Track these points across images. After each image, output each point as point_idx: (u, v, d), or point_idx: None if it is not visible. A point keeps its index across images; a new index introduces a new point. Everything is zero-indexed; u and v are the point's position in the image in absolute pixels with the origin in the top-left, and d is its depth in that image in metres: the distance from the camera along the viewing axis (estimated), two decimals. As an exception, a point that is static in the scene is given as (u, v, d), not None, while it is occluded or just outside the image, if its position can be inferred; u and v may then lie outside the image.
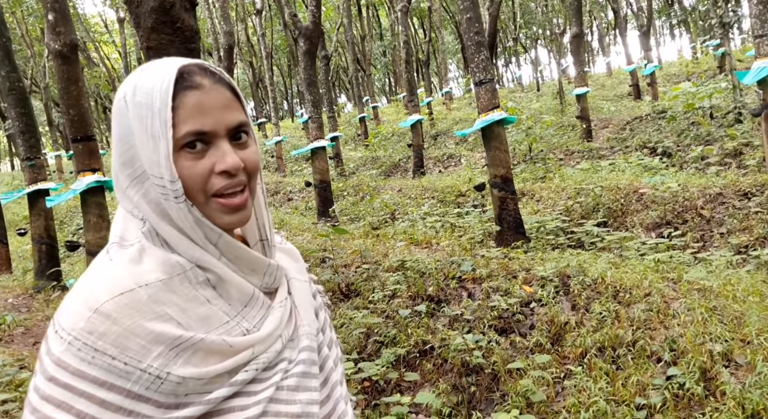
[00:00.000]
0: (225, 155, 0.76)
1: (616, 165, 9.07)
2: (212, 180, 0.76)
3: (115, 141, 0.78)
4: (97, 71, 24.42)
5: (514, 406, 3.17)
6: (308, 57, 9.15)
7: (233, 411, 0.75)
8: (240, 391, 0.76)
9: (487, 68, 5.92)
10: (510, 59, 36.77)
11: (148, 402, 0.70)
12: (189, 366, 0.72)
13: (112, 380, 0.69)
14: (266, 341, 0.79)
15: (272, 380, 0.79)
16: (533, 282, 4.24)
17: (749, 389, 2.57)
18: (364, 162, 16.12)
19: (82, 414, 0.68)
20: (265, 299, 0.83)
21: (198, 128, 0.75)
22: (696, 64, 21.79)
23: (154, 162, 0.75)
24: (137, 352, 0.70)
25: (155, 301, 0.73)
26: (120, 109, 0.77)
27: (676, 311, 3.37)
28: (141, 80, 0.77)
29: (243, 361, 0.76)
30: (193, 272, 0.77)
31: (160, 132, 0.74)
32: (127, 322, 0.70)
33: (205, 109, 0.76)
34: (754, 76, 6.93)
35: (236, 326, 0.78)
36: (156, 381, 0.70)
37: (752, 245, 5.19)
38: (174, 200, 0.75)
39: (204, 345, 0.74)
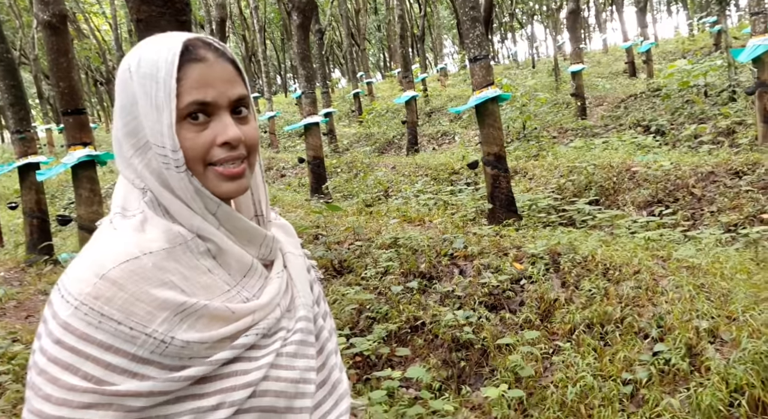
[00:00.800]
0: (227, 127, 0.78)
1: (610, 143, 9.07)
2: (213, 151, 0.78)
3: (119, 111, 0.80)
4: (88, 43, 24.00)
5: (502, 381, 3.22)
6: (301, 31, 9.02)
7: (236, 375, 0.77)
8: (241, 356, 0.79)
9: (482, 44, 5.86)
10: (506, 35, 36.41)
11: (152, 365, 0.73)
12: (193, 331, 0.75)
13: (118, 344, 0.71)
14: (266, 308, 0.82)
15: (272, 347, 0.82)
16: (524, 260, 4.28)
17: (733, 364, 2.62)
18: (358, 139, 16.04)
19: (89, 376, 0.70)
20: (263, 269, 0.86)
21: (201, 99, 0.77)
22: (692, 41, 21.66)
23: (157, 132, 0.76)
24: (143, 317, 0.72)
25: (160, 269, 0.75)
26: (125, 80, 0.79)
27: (665, 289, 3.41)
28: (146, 52, 0.78)
29: (244, 327, 0.79)
30: (194, 242, 0.79)
31: (164, 102, 0.75)
32: (132, 288, 0.72)
33: (208, 81, 0.78)
34: (749, 54, 6.92)
35: (237, 294, 0.81)
36: (161, 345, 0.73)
37: (741, 224, 5.24)
38: (175, 170, 0.77)
39: (207, 311, 0.76)
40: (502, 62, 35.33)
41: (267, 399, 0.80)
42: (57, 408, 0.69)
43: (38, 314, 4.88)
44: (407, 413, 2.93)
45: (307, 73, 9.31)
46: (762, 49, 6.98)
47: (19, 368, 3.44)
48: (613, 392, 2.86)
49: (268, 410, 0.80)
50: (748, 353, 2.63)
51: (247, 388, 0.78)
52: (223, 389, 0.77)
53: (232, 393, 0.77)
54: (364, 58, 26.67)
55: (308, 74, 9.32)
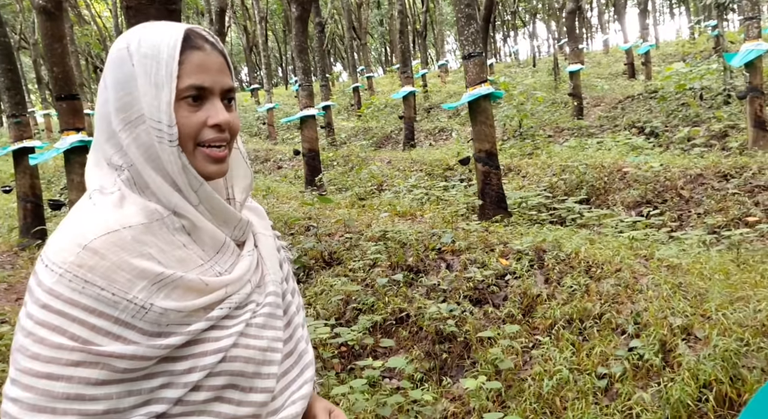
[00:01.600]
0: (218, 111, 0.86)
1: (604, 144, 9.12)
2: (203, 131, 0.85)
3: (112, 86, 0.84)
4: (88, 29, 23.92)
5: (482, 373, 3.28)
6: (300, 23, 9.04)
7: (209, 341, 0.84)
8: (215, 325, 0.85)
9: (476, 42, 5.90)
10: (508, 33, 36.37)
11: (133, 329, 0.78)
12: (169, 300, 0.80)
13: (102, 308, 0.76)
14: (237, 283, 0.89)
15: (242, 317, 0.88)
16: (510, 256, 4.33)
17: (703, 361, 2.68)
18: (356, 132, 16.06)
19: (76, 337, 0.75)
20: (235, 247, 0.93)
21: (200, 83, 0.84)
22: (693, 44, 21.68)
23: (155, 107, 0.82)
24: (123, 285, 0.77)
25: (138, 241, 0.80)
26: (121, 57, 0.84)
27: (644, 287, 3.47)
28: (146, 35, 0.84)
29: (218, 299, 0.85)
30: (170, 219, 0.85)
31: (165, 81, 0.82)
32: (113, 258, 0.78)
33: (205, 68, 0.85)
34: (741, 58, 6.96)
35: (209, 269, 0.87)
36: (141, 311, 0.78)
37: (726, 226, 5.30)
38: (168, 144, 0.82)
39: (182, 282, 0.82)
40: (504, 60, 35.31)
41: (236, 365, 0.86)
42: (45, 365, 0.74)
43: (29, 297, 4.92)
44: (387, 402, 2.98)
45: (305, 65, 9.33)
46: (754, 53, 7.04)
47: (5, 348, 3.49)
48: (588, 385, 2.92)
49: (237, 374, 0.86)
50: (719, 350, 2.69)
51: (217, 353, 0.84)
52: (195, 354, 0.83)
53: (203, 358, 0.83)
54: (365, 53, 26.64)
55: (305, 67, 9.34)
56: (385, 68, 38.55)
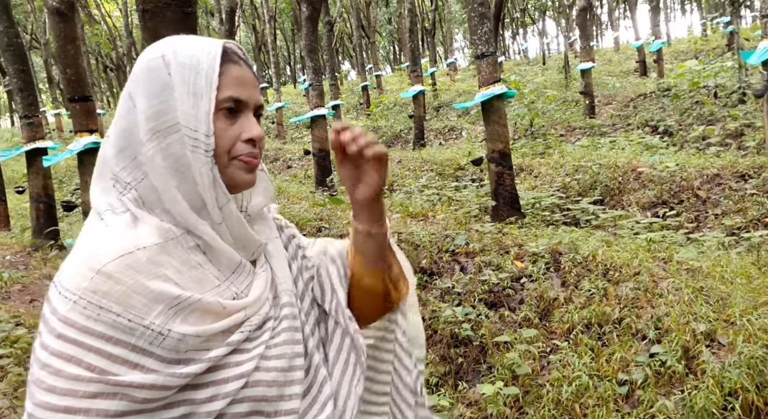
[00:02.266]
0: (253, 125, 0.86)
1: (617, 143, 9.02)
2: (237, 146, 0.84)
3: (141, 96, 0.83)
4: (98, 29, 24.05)
5: (499, 378, 3.24)
6: (310, 22, 9.01)
7: (230, 366, 0.80)
8: (235, 349, 0.82)
9: (489, 41, 5.84)
10: (517, 31, 36.19)
11: (151, 357, 0.75)
12: (186, 325, 0.77)
13: (118, 335, 0.73)
14: (256, 304, 0.85)
15: (262, 338, 0.85)
16: (525, 258, 4.28)
17: (728, 368, 2.63)
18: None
19: (92, 367, 0.72)
20: (250, 266, 0.89)
21: (238, 96, 0.84)
22: (705, 41, 21.46)
23: (192, 116, 0.81)
24: (140, 310, 0.74)
25: (153, 262, 0.77)
26: (155, 66, 0.83)
27: (664, 291, 3.41)
28: (183, 46, 0.84)
29: (236, 322, 0.82)
30: (184, 238, 0.82)
31: (204, 91, 0.81)
32: (129, 282, 0.75)
33: (243, 81, 0.85)
34: (759, 56, 6.84)
35: (226, 290, 0.84)
36: (158, 337, 0.75)
37: (745, 227, 5.21)
38: (203, 154, 0.81)
39: (200, 305, 0.79)
40: (513, 58, 35.15)
41: (259, 389, 0.82)
42: (62, 398, 0.71)
43: (42, 298, 4.93)
44: (403, 407, 2.95)
45: (315, 65, 9.31)
46: (773, 51, 6.91)
47: (21, 351, 3.49)
48: (609, 392, 2.87)
49: (260, 399, 0.82)
50: (744, 357, 2.63)
51: (239, 379, 0.80)
52: (217, 381, 0.79)
53: (225, 385, 0.79)
54: (374, 51, 26.60)
55: (316, 66, 9.32)
56: (393, 67, 38.50)
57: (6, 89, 16.33)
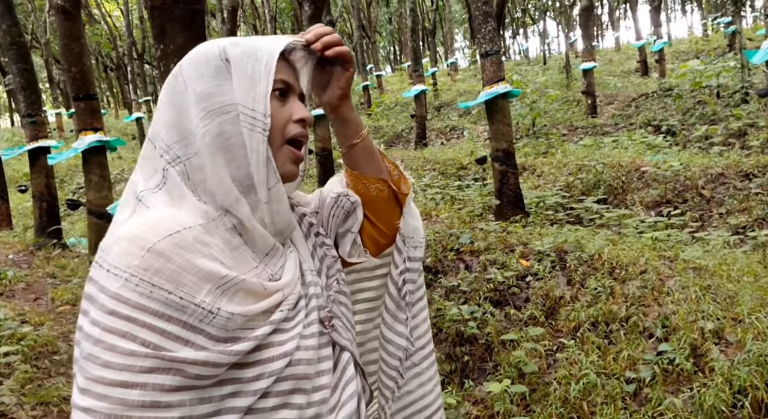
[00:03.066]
0: (301, 107, 0.91)
1: (620, 142, 9.03)
2: (289, 126, 0.88)
3: (193, 79, 0.85)
4: (99, 29, 24.04)
5: (506, 376, 3.23)
6: (313, 22, 8.99)
7: (273, 346, 0.83)
8: (277, 328, 0.84)
9: (493, 40, 5.84)
10: (518, 31, 36.18)
11: (202, 334, 0.77)
12: (233, 304, 0.79)
13: (170, 312, 0.75)
14: (291, 284, 0.89)
15: (298, 318, 0.88)
16: (530, 256, 4.28)
17: (737, 366, 2.62)
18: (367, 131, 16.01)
19: (147, 342, 0.73)
20: (282, 248, 0.92)
21: (287, 79, 0.89)
22: (706, 41, 21.47)
23: (250, 98, 0.84)
24: (191, 288, 0.76)
25: (200, 242, 0.79)
26: (208, 54, 0.86)
27: (671, 289, 3.40)
28: (242, 41, 0.88)
29: (276, 302, 0.85)
30: (221, 220, 0.84)
31: (263, 75, 0.85)
32: (179, 260, 0.76)
33: (293, 73, 0.91)
34: (763, 55, 6.85)
35: (263, 271, 0.86)
36: (209, 316, 0.77)
37: (750, 226, 5.21)
38: (261, 132, 0.84)
39: (244, 286, 0.81)
40: (514, 58, 35.14)
41: (301, 367, 0.85)
42: (119, 372, 0.72)
43: (46, 297, 4.93)
44: (410, 405, 2.94)
45: (318, 64, 9.29)
46: (777, 51, 6.91)
47: (27, 349, 3.48)
48: (616, 390, 2.87)
49: (302, 377, 0.85)
50: (753, 355, 2.63)
51: (284, 358, 0.83)
52: (263, 360, 0.81)
53: (271, 364, 0.82)
54: (375, 51, 26.60)
55: (319, 65, 9.31)
56: (393, 67, 38.50)
57: (6, 89, 16.33)
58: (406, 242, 1.11)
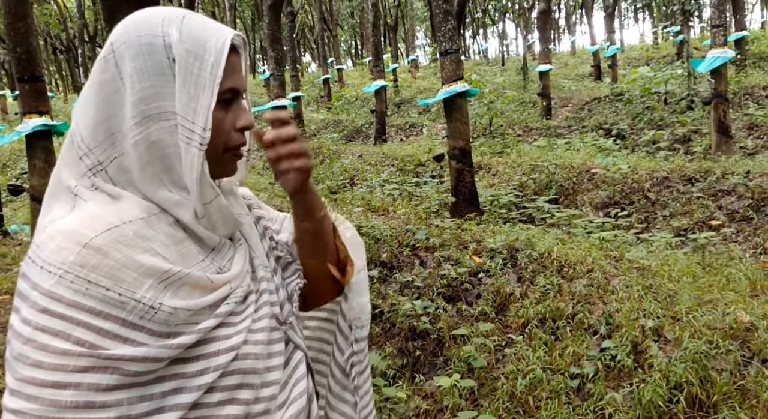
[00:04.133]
0: (245, 112, 0.85)
1: (572, 144, 9.28)
2: (232, 135, 0.84)
3: (132, 75, 0.78)
4: (48, 9, 23.02)
5: (456, 371, 3.28)
6: (273, 12, 8.88)
7: (219, 340, 0.81)
8: (223, 322, 0.82)
9: (453, 38, 5.90)
10: (478, 31, 36.63)
11: (142, 331, 0.74)
12: (177, 299, 0.77)
13: (108, 309, 0.72)
14: (239, 277, 0.86)
15: (247, 312, 0.86)
16: (483, 253, 4.35)
17: (674, 363, 2.74)
18: (326, 125, 15.93)
19: (81, 341, 0.71)
20: (229, 242, 0.90)
21: (236, 86, 0.83)
22: (656, 49, 22.26)
23: (191, 108, 0.78)
24: (130, 284, 0.73)
25: (141, 236, 0.76)
26: (153, 46, 0.78)
27: (615, 288, 3.53)
28: (188, 29, 0.80)
29: (223, 295, 0.83)
30: (164, 215, 0.81)
31: (207, 83, 0.79)
32: (117, 255, 0.73)
33: (236, 69, 0.84)
34: (708, 65, 7.16)
35: (210, 264, 0.84)
36: (150, 311, 0.74)
37: (691, 229, 5.45)
38: (198, 147, 0.79)
39: (189, 279, 0.79)
40: (473, 58, 35.55)
41: (248, 362, 0.83)
42: (50, 372, 0.69)
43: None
44: (361, 399, 2.96)
45: (277, 55, 9.19)
46: (720, 61, 7.25)
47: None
48: (561, 385, 2.95)
49: (249, 372, 0.84)
50: (689, 352, 2.75)
51: (230, 352, 0.81)
52: (207, 354, 0.79)
53: (215, 358, 0.80)
54: (336, 44, 26.43)
55: (278, 57, 9.20)
56: (354, 61, 38.36)
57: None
58: (353, 325, 1.07)
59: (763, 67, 13.70)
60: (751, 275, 3.75)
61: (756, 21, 31.11)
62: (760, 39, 16.88)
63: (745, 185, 5.74)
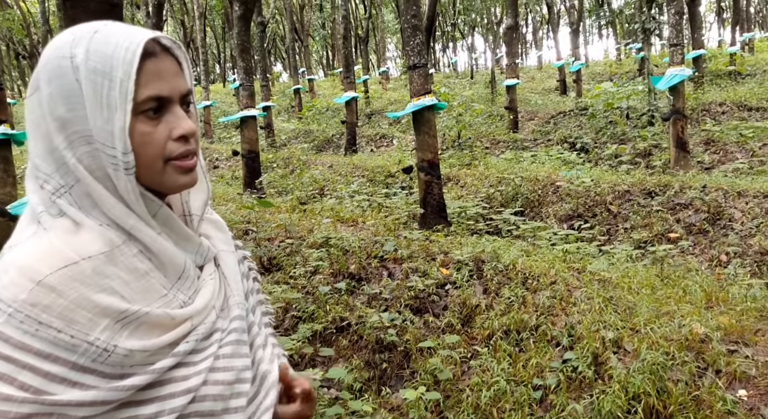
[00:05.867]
0: (181, 119, 0.79)
1: (538, 157, 9.46)
2: (169, 146, 0.78)
3: (49, 99, 0.75)
4: (11, 14, 22.44)
5: (422, 383, 3.30)
6: (243, 22, 8.86)
7: (175, 381, 0.77)
8: (181, 362, 0.78)
9: (421, 53, 5.97)
10: (447, 44, 37.12)
11: (93, 374, 0.71)
12: (134, 339, 0.73)
13: (58, 352, 0.69)
14: (203, 313, 0.82)
15: (209, 350, 0.82)
16: (450, 265, 4.40)
17: (633, 374, 2.82)
18: (297, 134, 15.89)
19: (26, 386, 0.67)
20: (196, 271, 0.86)
21: (158, 93, 0.76)
22: (619, 65, 22.90)
23: (107, 132, 0.74)
24: (84, 325, 0.70)
25: (99, 274, 0.73)
26: (62, 68, 0.74)
27: (577, 300, 3.61)
28: (96, 44, 0.74)
29: (183, 333, 0.79)
30: (127, 246, 0.77)
31: (118, 103, 0.73)
32: (72, 295, 0.70)
33: (161, 74, 0.77)
34: (666, 82, 7.41)
35: (173, 298, 0.80)
36: (103, 354, 0.71)
37: (651, 241, 5.61)
38: (124, 172, 0.75)
39: (148, 318, 0.75)
40: (443, 71, 35.97)
41: (206, 404, 0.79)
42: None
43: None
44: (326, 413, 2.95)
45: (246, 65, 9.15)
46: (678, 78, 7.51)
47: None
48: (524, 397, 3.00)
49: (207, 414, 0.80)
50: (647, 363, 2.83)
51: (186, 394, 0.77)
52: (163, 396, 0.76)
53: (171, 400, 0.76)
54: (307, 55, 26.43)
55: (247, 67, 9.16)
56: (326, 71, 38.39)
57: None
58: None
59: (720, 85, 14.23)
60: (707, 287, 3.89)
61: (713, 39, 32.34)
62: (717, 57, 17.54)
63: (702, 199, 5.95)
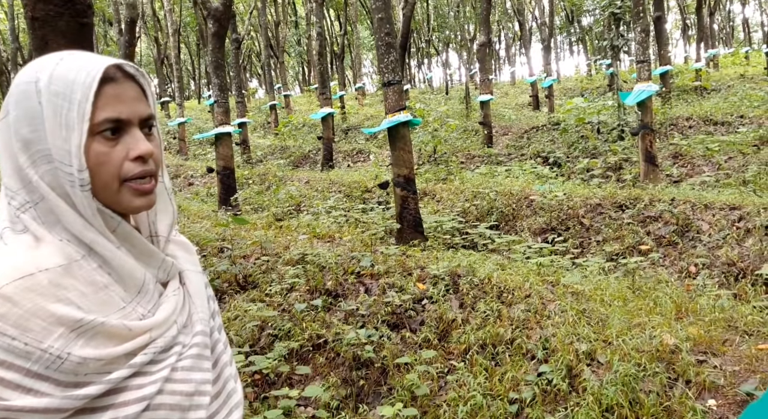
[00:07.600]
0: (138, 141, 0.82)
1: (512, 171, 9.59)
2: (126, 166, 0.81)
3: (15, 121, 0.80)
4: (-22, 30, 22.06)
5: (399, 399, 3.30)
6: (217, 39, 8.86)
7: (131, 389, 0.78)
8: (138, 371, 0.80)
9: (395, 70, 6.05)
10: (422, 61, 37.55)
11: (47, 381, 0.73)
12: (89, 348, 0.75)
13: (11, 359, 0.71)
14: (162, 326, 0.84)
15: (167, 361, 0.83)
16: (426, 280, 4.42)
17: (606, 386, 2.86)
18: (273, 151, 15.85)
19: None
20: (157, 286, 0.88)
21: (115, 116, 0.80)
22: (590, 80, 23.44)
23: (65, 151, 0.78)
24: (38, 333, 0.72)
25: (56, 285, 0.75)
26: (27, 92, 0.79)
27: (552, 312, 3.65)
28: (59, 70, 0.79)
29: (141, 344, 0.81)
30: (86, 261, 0.80)
31: (76, 122, 0.78)
32: (28, 305, 0.72)
33: (121, 98, 0.81)
34: (634, 97, 7.61)
35: (132, 311, 0.82)
36: (56, 361, 0.73)
37: (622, 253, 5.71)
38: (80, 189, 0.79)
39: (104, 328, 0.77)
40: (419, 86, 36.33)
41: (161, 413, 0.81)
42: None
43: None
44: (303, 432, 2.92)
45: (221, 82, 9.13)
46: (645, 94, 7.72)
47: None
48: (501, 411, 3.02)
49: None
50: (619, 375, 2.88)
51: (140, 402, 0.78)
52: (116, 404, 0.77)
53: (125, 408, 0.77)
54: (283, 71, 26.46)
55: (222, 83, 9.14)
56: (302, 87, 38.46)
57: None
58: None
59: (687, 100, 14.66)
60: (677, 299, 3.97)
61: (680, 55, 33.32)
62: (683, 73, 18.07)
63: (671, 212, 6.09)
